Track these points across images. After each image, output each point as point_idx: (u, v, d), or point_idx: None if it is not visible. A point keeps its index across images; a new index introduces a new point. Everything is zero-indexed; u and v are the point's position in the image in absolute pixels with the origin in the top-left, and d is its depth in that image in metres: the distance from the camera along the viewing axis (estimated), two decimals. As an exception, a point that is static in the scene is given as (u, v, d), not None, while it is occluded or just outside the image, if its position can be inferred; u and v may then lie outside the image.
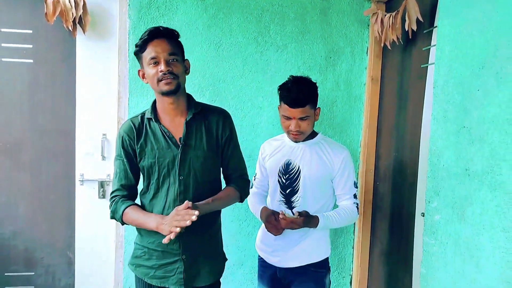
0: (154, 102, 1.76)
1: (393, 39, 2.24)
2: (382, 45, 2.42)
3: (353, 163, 2.05)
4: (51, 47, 2.50)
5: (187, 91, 2.43)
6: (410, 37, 2.12)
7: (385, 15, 2.30)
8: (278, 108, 2.00)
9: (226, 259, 1.89)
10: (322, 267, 2.03)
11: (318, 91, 2.54)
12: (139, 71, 1.72)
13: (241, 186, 1.84)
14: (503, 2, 1.33)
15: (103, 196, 2.60)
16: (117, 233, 2.54)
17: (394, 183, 2.40)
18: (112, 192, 1.75)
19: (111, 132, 2.57)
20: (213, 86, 2.52)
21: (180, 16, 2.46)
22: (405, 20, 2.09)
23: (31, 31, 2.47)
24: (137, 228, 1.77)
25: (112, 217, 1.74)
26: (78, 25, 2.41)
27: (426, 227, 1.69)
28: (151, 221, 1.62)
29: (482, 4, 1.42)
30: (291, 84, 1.92)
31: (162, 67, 1.60)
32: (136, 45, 1.66)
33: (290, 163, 2.00)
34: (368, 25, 2.61)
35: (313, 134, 2.04)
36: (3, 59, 2.46)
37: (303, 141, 2.01)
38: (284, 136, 2.08)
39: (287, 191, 2.01)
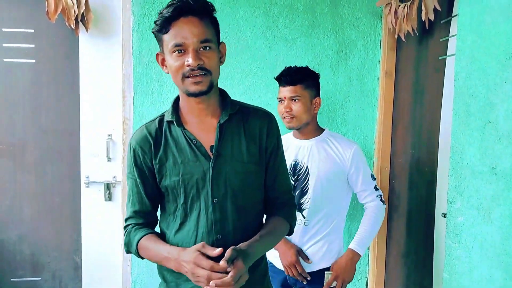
0: (176, 100, 1.36)
1: (407, 31, 2.13)
2: (396, 37, 2.30)
3: (365, 156, 1.99)
4: (53, 46, 2.44)
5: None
6: (427, 28, 2.01)
7: (399, 6, 2.19)
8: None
9: None
10: None
11: (330, 86, 2.46)
12: (157, 55, 1.33)
13: (290, 215, 1.43)
14: (533, -14, 1.22)
15: (109, 199, 2.53)
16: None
17: (411, 182, 2.29)
18: (126, 220, 1.39)
19: (117, 133, 2.50)
20: (220, 83, 2.41)
21: (185, 11, 2.37)
22: (421, 10, 1.98)
23: (32, 30, 2.41)
24: (160, 274, 1.39)
25: (128, 251, 1.38)
26: (80, 23, 2.34)
27: (448, 230, 1.59)
28: (167, 258, 1.23)
29: (508, -12, 1.31)
30: (285, 68, 1.95)
31: (190, 60, 1.19)
32: (155, 23, 1.26)
33: (298, 163, 1.92)
34: (381, 17, 2.50)
35: (320, 131, 1.96)
36: (5, 60, 2.41)
37: (309, 138, 1.92)
38: (290, 135, 2.01)
39: (296, 193, 1.92)
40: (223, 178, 1.28)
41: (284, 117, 1.92)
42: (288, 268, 1.88)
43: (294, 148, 1.96)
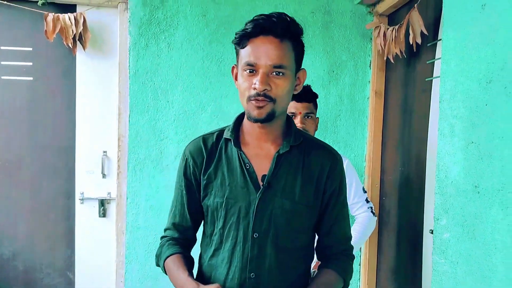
0: (239, 118, 1.27)
1: (396, 53, 2.21)
2: (385, 58, 2.38)
3: (356, 170, 2.06)
4: (51, 65, 2.49)
5: (188, 107, 2.46)
6: (415, 51, 2.09)
7: (388, 29, 2.28)
8: None
9: None
10: None
11: (322, 105, 2.53)
12: (233, 68, 1.23)
13: (344, 267, 1.25)
14: (508, 15, 1.30)
15: (104, 215, 2.56)
16: (118, 253, 2.49)
17: (401, 198, 2.35)
18: (165, 230, 1.32)
19: (112, 149, 2.54)
20: (215, 101, 2.49)
21: (181, 31, 2.44)
22: (408, 34, 2.06)
23: (31, 49, 2.46)
24: None
25: (157, 264, 1.31)
26: (78, 42, 2.40)
27: (435, 246, 1.64)
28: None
29: (487, 17, 1.39)
30: None
31: (257, 84, 1.09)
32: (236, 35, 1.16)
33: None
34: (371, 39, 2.59)
35: None
36: (3, 77, 2.45)
37: None
38: None
39: None
40: (268, 213, 1.17)
41: None
42: None
43: None
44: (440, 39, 1.84)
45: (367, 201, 2.03)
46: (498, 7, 1.35)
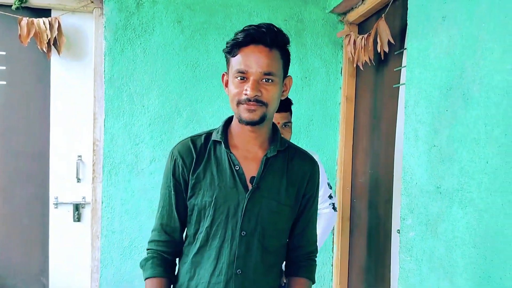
0: (227, 121, 1.32)
1: (365, 60, 2.30)
2: (355, 65, 2.48)
3: (323, 166, 2.12)
4: (25, 69, 2.47)
5: (164, 112, 2.49)
6: (383, 58, 2.18)
7: (358, 37, 2.37)
8: None
9: None
10: None
11: (295, 111, 2.61)
12: (223, 75, 1.28)
13: (312, 271, 1.37)
14: (466, 27, 1.39)
15: (78, 219, 2.55)
16: (92, 257, 2.49)
17: (370, 200, 2.43)
18: (152, 231, 1.33)
19: (87, 154, 2.54)
20: (190, 106, 2.53)
21: (157, 37, 2.48)
22: (377, 42, 2.15)
23: (4, 53, 2.45)
24: None
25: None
26: (53, 47, 2.40)
27: (401, 244, 1.72)
28: None
29: (447, 28, 1.49)
30: None
31: (248, 90, 1.15)
32: (227, 44, 1.21)
33: None
34: (342, 46, 2.68)
35: None
36: (-25, 81, 2.43)
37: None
38: None
39: None
40: (256, 213, 1.23)
41: None
42: None
43: None
44: (406, 48, 1.93)
45: (330, 197, 2.10)
46: (457, 19, 1.45)
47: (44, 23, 2.34)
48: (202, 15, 2.53)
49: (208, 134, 1.31)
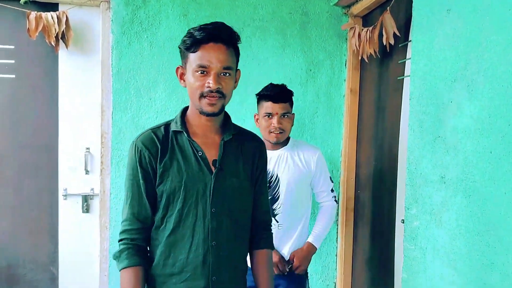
0: (183, 111, 1.46)
1: (370, 53, 2.32)
2: (360, 58, 2.50)
3: (325, 160, 2.21)
4: (33, 63, 2.51)
5: (170, 104, 2.52)
6: (388, 51, 2.20)
7: (362, 30, 2.39)
8: (255, 116, 2.11)
9: None
10: None
11: (299, 103, 2.64)
12: (177, 69, 1.41)
13: (271, 242, 1.56)
14: (471, 19, 1.42)
15: (87, 211, 2.60)
16: (101, 248, 2.54)
17: (374, 191, 2.47)
18: (122, 223, 1.40)
19: (95, 146, 2.58)
20: (196, 99, 2.55)
21: (163, 31, 2.50)
22: (382, 35, 2.17)
23: (13, 47, 2.48)
24: (147, 281, 1.41)
25: (115, 259, 1.43)
26: (61, 41, 2.43)
27: (406, 233, 1.76)
28: None
29: (452, 21, 1.51)
30: (271, 85, 2.10)
31: (211, 83, 1.29)
32: (185, 41, 1.33)
33: (268, 172, 2.07)
34: (346, 39, 2.70)
35: (286, 140, 2.13)
36: (-16, 75, 2.46)
37: (277, 149, 2.08)
38: None
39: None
40: (222, 191, 1.38)
41: (273, 132, 2.04)
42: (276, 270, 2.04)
43: None
44: (411, 40, 1.96)
45: (332, 190, 2.18)
46: (461, 11, 1.47)
47: (52, 17, 2.37)
48: (208, 8, 2.55)
49: (166, 125, 1.43)
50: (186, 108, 1.46)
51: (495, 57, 1.31)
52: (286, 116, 2.05)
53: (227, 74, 1.33)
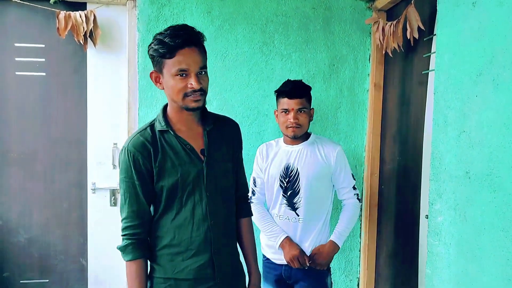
0: (164, 109, 1.57)
1: (394, 47, 2.30)
2: (384, 52, 2.48)
3: (346, 157, 2.19)
4: (62, 61, 2.59)
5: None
6: (412, 45, 2.18)
7: (386, 24, 2.37)
8: (275, 112, 2.14)
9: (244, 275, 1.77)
10: None
11: (323, 98, 2.64)
12: (151, 73, 1.51)
13: (250, 211, 1.79)
14: (497, 13, 1.40)
15: (115, 204, 2.67)
16: (129, 240, 2.61)
17: (398, 187, 2.46)
18: (123, 221, 1.53)
19: (122, 142, 2.65)
20: (220, 95, 2.59)
21: (187, 28, 2.54)
22: (406, 29, 2.15)
23: (43, 45, 2.56)
24: (156, 261, 1.56)
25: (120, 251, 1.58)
26: (89, 39, 2.50)
27: (430, 229, 1.75)
28: None
29: (477, 14, 1.49)
30: (288, 81, 2.14)
31: (194, 83, 1.43)
32: (158, 49, 1.43)
33: (289, 166, 2.10)
34: (370, 33, 2.68)
35: (307, 136, 2.14)
36: (17, 73, 2.55)
37: (298, 143, 2.10)
38: (279, 140, 2.19)
39: (289, 193, 2.10)
40: (213, 176, 1.55)
41: (290, 127, 2.07)
42: (291, 261, 2.05)
43: (285, 153, 2.14)
44: (435, 34, 1.94)
45: (354, 188, 2.16)
46: (487, 4, 1.45)
47: (80, 16, 2.44)
48: (231, 5, 2.57)
49: (151, 125, 1.55)
50: (165, 107, 1.58)
51: (522, 50, 1.29)
52: (302, 111, 2.07)
53: (203, 73, 1.48)
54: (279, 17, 2.62)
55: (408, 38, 2.15)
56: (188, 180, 1.51)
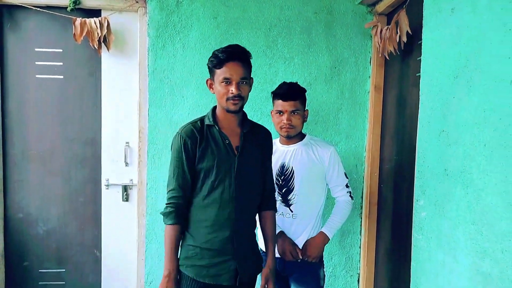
0: (214, 109, 1.90)
1: (390, 50, 2.38)
2: (381, 55, 2.56)
3: (340, 157, 2.27)
4: (79, 64, 2.77)
5: (201, 102, 2.70)
6: (402, 48, 2.26)
7: (384, 27, 2.45)
8: (271, 112, 2.24)
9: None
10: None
11: (324, 99, 2.74)
12: (207, 80, 1.87)
13: (275, 205, 2.04)
14: (471, 19, 1.48)
15: (127, 199, 2.83)
16: (139, 233, 2.77)
17: (395, 186, 2.53)
18: (169, 192, 1.83)
19: (133, 140, 2.81)
20: (225, 96, 2.72)
21: (195, 33, 2.68)
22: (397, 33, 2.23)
23: (61, 50, 2.75)
24: (188, 231, 1.86)
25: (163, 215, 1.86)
26: (103, 44, 2.66)
27: (414, 224, 1.83)
28: (166, 264, 1.79)
29: (455, 20, 1.58)
30: (283, 84, 2.25)
31: (233, 90, 1.74)
32: (212, 61, 1.78)
33: (284, 165, 2.19)
34: (371, 37, 2.76)
35: (302, 136, 2.24)
36: (37, 76, 2.75)
37: (293, 144, 2.20)
38: (276, 141, 2.28)
39: (283, 191, 2.20)
40: (242, 169, 1.83)
41: (283, 127, 2.18)
42: (284, 254, 2.15)
43: (281, 153, 2.24)
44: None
45: (347, 186, 2.24)
46: (463, 10, 1.53)
47: (95, 23, 2.61)
48: (236, 10, 2.70)
49: (201, 120, 1.88)
50: (214, 107, 1.91)
51: (490, 54, 1.37)
52: (296, 113, 2.16)
53: (244, 83, 1.79)
54: (282, 22, 2.73)
55: (398, 41, 2.22)
56: (221, 167, 1.80)
